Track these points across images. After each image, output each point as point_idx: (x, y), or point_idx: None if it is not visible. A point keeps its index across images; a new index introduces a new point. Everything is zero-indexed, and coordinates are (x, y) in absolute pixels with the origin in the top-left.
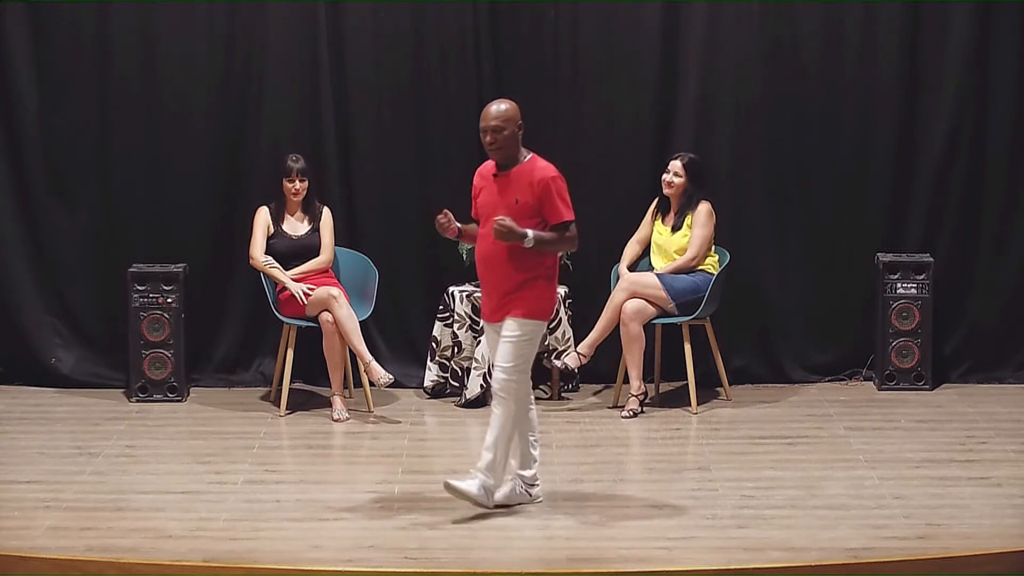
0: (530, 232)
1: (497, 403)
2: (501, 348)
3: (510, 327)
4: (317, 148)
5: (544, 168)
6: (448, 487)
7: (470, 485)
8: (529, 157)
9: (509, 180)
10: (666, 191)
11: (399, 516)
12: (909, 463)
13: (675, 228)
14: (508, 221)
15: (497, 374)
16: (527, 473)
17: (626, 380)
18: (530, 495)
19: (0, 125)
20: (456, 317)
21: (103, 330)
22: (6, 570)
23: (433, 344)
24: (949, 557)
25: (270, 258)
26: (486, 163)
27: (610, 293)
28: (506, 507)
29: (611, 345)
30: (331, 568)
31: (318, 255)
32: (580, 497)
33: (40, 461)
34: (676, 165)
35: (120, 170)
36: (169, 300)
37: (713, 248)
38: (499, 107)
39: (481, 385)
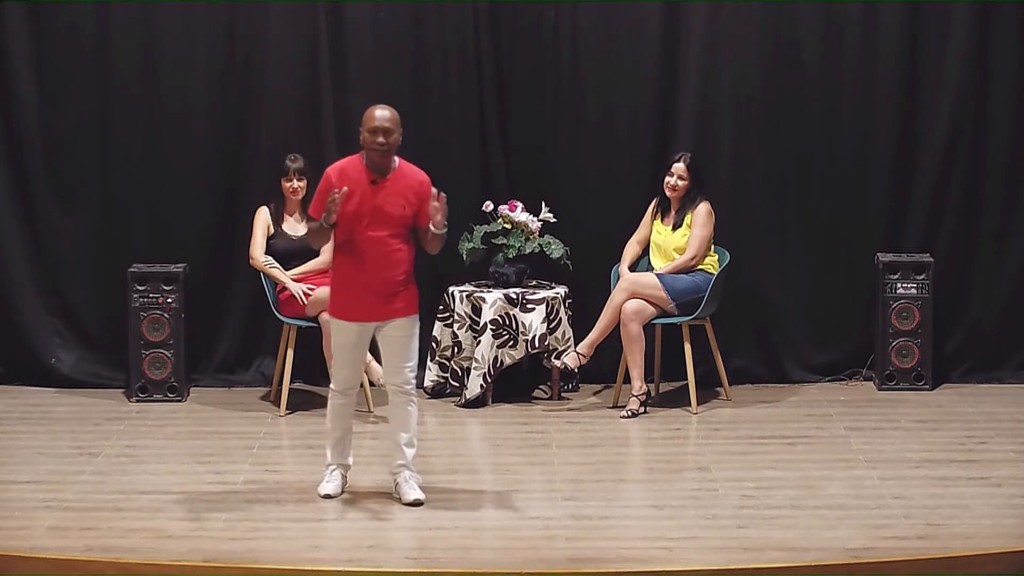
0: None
1: (409, 401)
2: (406, 347)
3: (408, 325)
4: (317, 148)
5: (419, 171)
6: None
7: (419, 492)
8: (398, 163)
9: (389, 186)
10: (669, 194)
11: (399, 516)
12: (909, 463)
13: (675, 226)
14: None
15: (407, 375)
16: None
17: (626, 380)
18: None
19: (0, 125)
20: (456, 317)
21: (103, 330)
22: (6, 570)
23: (433, 344)
24: (949, 557)
25: (270, 258)
26: (343, 165)
27: (610, 293)
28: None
29: (611, 345)
30: (331, 568)
31: (318, 255)
32: (580, 497)
33: (40, 461)
34: (680, 168)
35: (120, 170)
36: (169, 300)
37: (713, 248)
38: (389, 111)
39: (481, 385)
